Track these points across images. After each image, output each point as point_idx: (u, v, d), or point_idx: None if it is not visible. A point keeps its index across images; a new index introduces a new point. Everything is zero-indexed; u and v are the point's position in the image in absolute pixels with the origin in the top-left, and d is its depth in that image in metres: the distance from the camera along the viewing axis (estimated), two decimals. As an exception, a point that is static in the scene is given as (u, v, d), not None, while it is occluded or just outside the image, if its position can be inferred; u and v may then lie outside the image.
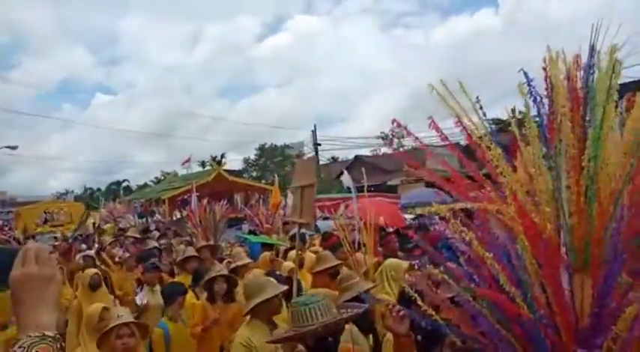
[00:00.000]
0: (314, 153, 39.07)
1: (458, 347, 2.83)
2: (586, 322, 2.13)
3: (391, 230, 9.40)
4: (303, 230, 6.98)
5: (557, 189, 2.24)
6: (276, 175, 20.77)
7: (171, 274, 7.88)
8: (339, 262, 5.56)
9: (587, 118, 2.27)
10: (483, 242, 2.18)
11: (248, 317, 3.87)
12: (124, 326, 3.74)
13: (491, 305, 2.15)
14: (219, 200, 14.35)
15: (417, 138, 2.47)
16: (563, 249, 2.18)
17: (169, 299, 5.49)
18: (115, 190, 48.27)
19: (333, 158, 48.52)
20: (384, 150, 47.47)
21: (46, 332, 1.12)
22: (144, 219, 18.40)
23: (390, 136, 48.78)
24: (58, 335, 1.18)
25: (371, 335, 3.88)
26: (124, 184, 51.24)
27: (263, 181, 35.00)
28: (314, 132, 39.04)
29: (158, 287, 6.75)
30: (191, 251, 7.63)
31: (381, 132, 49.28)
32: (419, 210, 2.19)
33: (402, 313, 2.77)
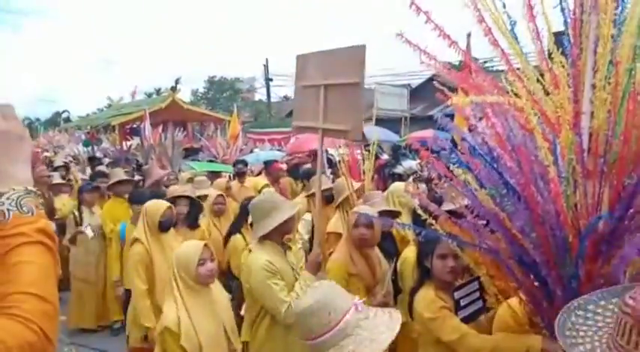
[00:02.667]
0: (266, 88, 38.22)
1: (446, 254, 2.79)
2: (605, 226, 2.05)
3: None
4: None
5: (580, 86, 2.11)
6: (235, 105, 20.11)
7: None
8: (331, 186, 5.37)
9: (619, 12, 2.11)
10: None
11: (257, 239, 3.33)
12: None
13: (519, 207, 2.02)
14: (172, 128, 13.80)
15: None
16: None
17: (133, 201, 5.46)
18: (56, 121, 45.80)
19: (285, 97, 47.72)
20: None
21: (29, 187, 1.10)
22: (89, 148, 17.41)
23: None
24: (39, 192, 1.16)
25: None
26: (64, 115, 48.54)
27: (214, 114, 33.96)
28: (266, 66, 37.99)
29: (97, 208, 6.55)
30: (120, 174, 7.09)
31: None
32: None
33: None
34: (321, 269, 3.38)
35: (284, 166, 9.47)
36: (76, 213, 6.53)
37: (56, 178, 8.17)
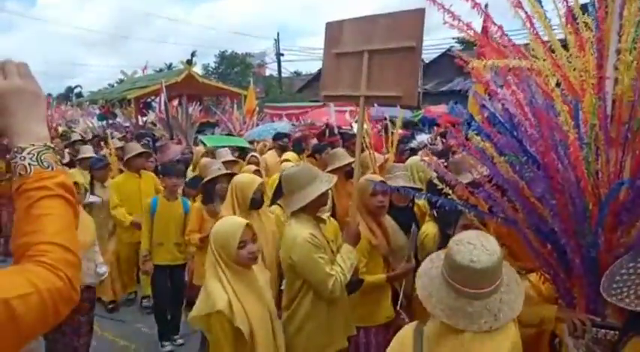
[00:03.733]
0: (277, 63, 37.94)
1: (469, 225, 2.80)
2: (626, 195, 2.02)
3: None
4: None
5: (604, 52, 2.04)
6: (251, 79, 19.87)
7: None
8: (353, 160, 5.24)
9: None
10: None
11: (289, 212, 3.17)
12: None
13: (538, 174, 1.99)
14: (188, 102, 13.62)
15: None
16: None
17: (166, 175, 5.31)
18: (69, 97, 45.77)
19: (296, 72, 47.37)
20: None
21: (47, 143, 1.12)
22: (104, 122, 17.35)
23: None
24: (57, 148, 1.20)
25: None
26: (76, 90, 48.47)
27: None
28: (277, 41, 37.65)
29: (109, 182, 6.42)
30: (137, 147, 6.81)
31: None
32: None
33: None
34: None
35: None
36: (88, 188, 6.32)
37: (88, 151, 7.73)
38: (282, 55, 37.68)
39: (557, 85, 2.04)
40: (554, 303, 2.44)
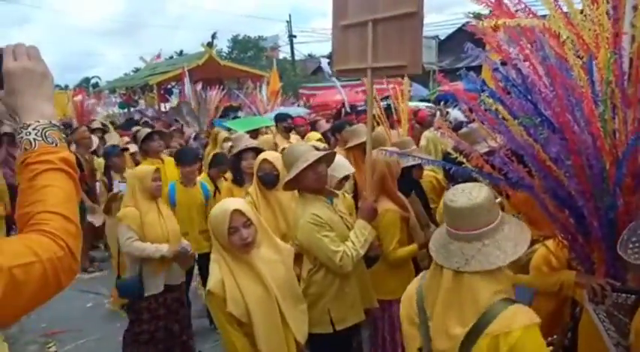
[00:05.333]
0: (289, 45, 37.71)
1: None
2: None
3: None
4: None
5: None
6: (274, 60, 19.52)
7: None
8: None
9: None
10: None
11: (296, 193, 3.15)
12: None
13: (553, 136, 1.95)
14: (210, 86, 13.43)
15: None
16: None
17: (181, 162, 5.01)
18: (85, 88, 46.06)
19: (309, 55, 47.05)
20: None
21: (52, 121, 1.18)
22: (126, 109, 17.34)
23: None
24: (62, 127, 1.24)
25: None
26: (94, 81, 48.70)
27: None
28: (289, 23, 37.39)
29: (128, 172, 5.76)
30: (145, 130, 6.56)
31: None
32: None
33: None
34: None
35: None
36: (105, 180, 6.23)
37: (115, 139, 7.59)
38: (295, 37, 37.46)
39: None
40: None
